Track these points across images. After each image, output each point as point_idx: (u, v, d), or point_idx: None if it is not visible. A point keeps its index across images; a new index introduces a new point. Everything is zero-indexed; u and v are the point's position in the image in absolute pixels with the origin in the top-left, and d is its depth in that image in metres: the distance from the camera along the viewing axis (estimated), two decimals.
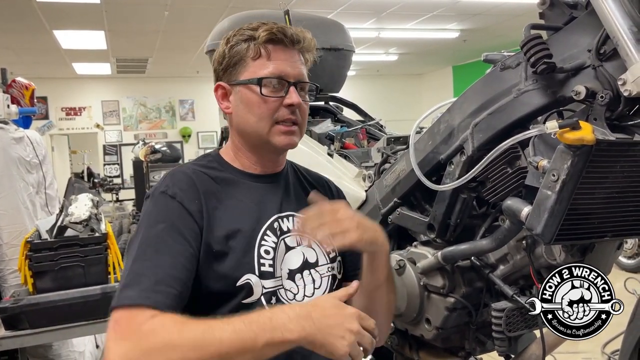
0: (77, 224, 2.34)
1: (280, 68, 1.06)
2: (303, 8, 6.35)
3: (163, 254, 0.94)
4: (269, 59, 1.06)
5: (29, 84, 3.22)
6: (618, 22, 1.00)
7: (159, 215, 0.99)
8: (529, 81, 1.16)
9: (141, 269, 0.93)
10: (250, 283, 1.02)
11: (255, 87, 1.06)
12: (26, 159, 2.80)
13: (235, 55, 1.08)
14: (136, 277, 0.92)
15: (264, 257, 1.04)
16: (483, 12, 7.65)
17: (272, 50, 1.07)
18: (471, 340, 1.52)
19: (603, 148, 1.01)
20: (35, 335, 2.05)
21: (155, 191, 1.03)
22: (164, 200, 1.01)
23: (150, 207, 1.02)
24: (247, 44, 1.07)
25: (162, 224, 0.97)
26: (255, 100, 1.06)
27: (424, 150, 1.42)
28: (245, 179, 1.12)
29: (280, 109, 1.07)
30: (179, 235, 0.97)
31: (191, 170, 1.08)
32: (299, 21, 2.29)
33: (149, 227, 0.98)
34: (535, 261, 1.30)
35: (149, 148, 8.34)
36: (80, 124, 11.91)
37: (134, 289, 0.90)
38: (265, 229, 1.07)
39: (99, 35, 7.87)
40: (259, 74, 1.06)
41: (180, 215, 0.99)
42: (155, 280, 0.91)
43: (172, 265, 0.94)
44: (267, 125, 1.07)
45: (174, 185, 1.03)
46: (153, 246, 0.95)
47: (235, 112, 1.10)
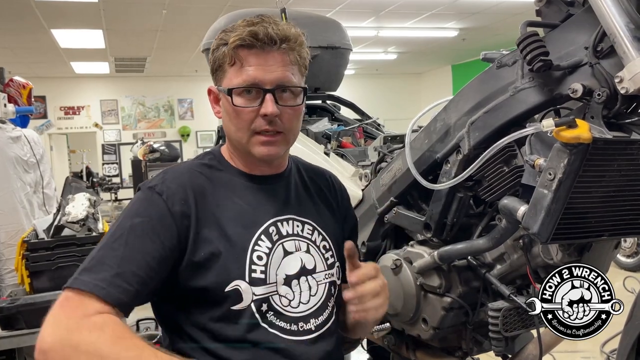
0: (74, 224, 2.34)
1: (253, 75, 0.99)
2: (302, 7, 6.34)
3: (131, 249, 0.92)
4: (242, 66, 1.00)
5: (26, 83, 3.21)
6: (615, 19, 0.99)
7: (140, 209, 0.98)
8: (525, 79, 1.15)
9: (105, 258, 0.91)
10: (239, 289, 0.98)
11: (228, 97, 1.01)
12: (23, 158, 2.80)
13: (215, 61, 1.04)
14: (98, 264, 0.90)
15: (255, 263, 1.01)
16: (482, 10, 7.65)
17: (246, 55, 1.00)
18: (468, 340, 1.52)
19: (600, 146, 1.00)
20: (32, 334, 2.04)
21: (144, 185, 1.02)
22: (150, 195, 0.99)
23: (135, 199, 1.01)
24: (224, 49, 1.02)
25: (140, 218, 0.95)
26: (231, 110, 1.02)
27: (420, 148, 1.42)
28: (244, 179, 1.09)
29: (257, 119, 1.01)
30: (154, 233, 0.94)
31: (187, 170, 1.06)
32: (295, 19, 2.29)
33: (127, 218, 0.96)
34: (532, 261, 1.29)
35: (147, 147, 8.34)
36: (79, 123, 11.91)
37: (91, 276, 0.88)
38: (259, 233, 1.04)
39: (97, 34, 7.86)
40: (233, 83, 1.01)
41: (162, 214, 0.96)
42: (116, 272, 0.89)
43: (137, 261, 0.92)
44: (246, 136, 1.02)
45: (164, 182, 1.00)
46: (124, 237, 0.93)
47: (222, 118, 1.08)
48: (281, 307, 1.02)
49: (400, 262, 1.52)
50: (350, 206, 1.27)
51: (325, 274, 1.10)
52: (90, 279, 0.88)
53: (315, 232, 1.12)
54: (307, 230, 1.11)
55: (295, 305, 1.04)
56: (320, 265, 1.09)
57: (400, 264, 1.52)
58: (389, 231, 1.67)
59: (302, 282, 1.06)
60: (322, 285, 1.08)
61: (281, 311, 1.02)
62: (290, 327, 1.02)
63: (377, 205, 1.64)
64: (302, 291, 1.05)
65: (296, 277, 1.05)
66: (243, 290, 0.99)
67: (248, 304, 0.99)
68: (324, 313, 1.07)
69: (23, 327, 2.02)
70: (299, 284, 1.05)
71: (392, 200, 1.58)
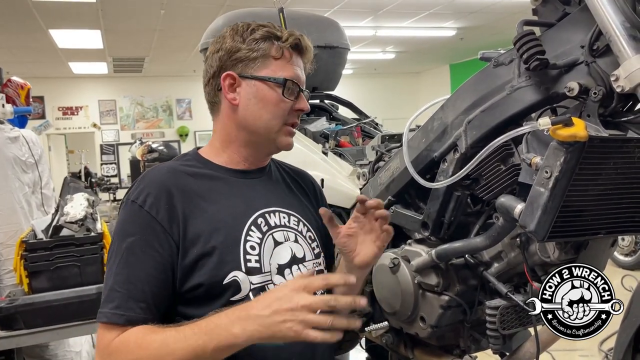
0: (73, 224, 2.33)
1: (297, 73, 1.11)
2: (299, 6, 6.34)
3: (133, 269, 0.97)
4: (289, 63, 1.10)
5: (24, 83, 3.21)
6: (611, 18, 1.00)
7: (129, 227, 1.00)
8: (522, 78, 1.16)
9: (114, 285, 0.96)
10: (237, 280, 1.01)
11: (276, 86, 1.08)
12: (22, 159, 2.80)
13: (257, 50, 1.08)
14: (110, 293, 0.96)
15: (250, 253, 1.04)
16: (480, 10, 7.66)
17: (294, 55, 1.11)
18: (466, 338, 1.52)
19: (596, 144, 1.00)
20: (31, 335, 2.04)
21: (127, 199, 1.03)
22: (133, 210, 1.01)
23: (122, 218, 1.03)
24: (271, 43, 1.08)
25: (132, 237, 0.99)
26: (274, 99, 1.08)
27: (418, 147, 1.42)
28: (228, 174, 1.12)
29: (291, 112, 1.11)
30: (148, 246, 0.98)
31: (167, 169, 1.08)
32: (293, 19, 2.29)
33: (121, 240, 1.00)
34: (529, 258, 1.29)
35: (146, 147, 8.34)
36: (77, 123, 11.90)
37: (108, 306, 0.95)
38: (250, 224, 1.07)
39: (95, 35, 7.85)
40: (280, 74, 1.08)
41: (149, 225, 0.99)
42: (128, 296, 0.95)
43: (144, 279, 0.96)
44: (278, 125, 1.10)
45: (143, 191, 1.02)
46: (124, 260, 0.97)
47: (245, 106, 1.09)
48: None
49: (398, 260, 1.53)
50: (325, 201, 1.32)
51: (314, 263, 1.14)
52: (108, 310, 0.95)
53: (301, 223, 1.16)
54: (293, 221, 1.15)
55: None
56: (308, 255, 1.13)
57: (398, 262, 1.53)
58: None
59: (294, 271, 1.09)
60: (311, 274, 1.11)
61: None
62: None
63: None
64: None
65: (288, 267, 1.09)
66: (241, 281, 1.01)
67: (247, 293, 1.01)
68: None
69: (22, 327, 2.02)
70: (291, 273, 1.09)
71: (389, 199, 1.58)
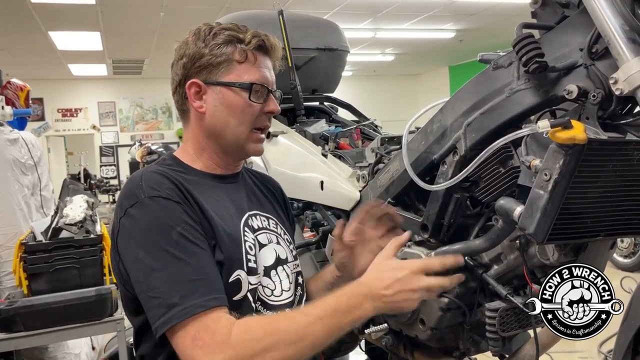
0: (72, 226, 2.33)
1: (264, 75, 1.07)
2: (299, 9, 6.35)
3: (197, 255, 0.92)
4: (254, 65, 1.07)
5: (24, 85, 3.21)
6: (610, 20, 1.00)
7: (167, 219, 0.93)
8: (521, 80, 1.16)
9: (187, 275, 0.89)
10: (240, 279, 1.01)
11: (242, 91, 1.05)
12: (21, 161, 2.80)
13: (220, 56, 1.06)
14: (190, 284, 0.88)
15: (249, 253, 1.05)
16: (479, 12, 7.67)
17: (259, 56, 1.08)
18: (465, 340, 1.52)
19: (595, 147, 1.00)
20: (30, 337, 2.04)
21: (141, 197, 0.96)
22: (161, 203, 0.95)
23: (150, 214, 0.94)
24: (234, 46, 1.06)
25: (176, 228, 0.93)
26: (240, 104, 1.05)
27: (417, 150, 1.42)
28: (209, 179, 1.11)
29: (260, 115, 1.08)
30: (197, 232, 0.95)
31: (163, 171, 1.04)
32: (293, 21, 2.29)
33: (164, 234, 0.92)
34: (529, 261, 1.29)
35: (145, 149, 8.34)
36: (77, 125, 11.91)
37: (195, 296, 0.87)
38: (243, 225, 1.07)
39: (95, 37, 7.86)
40: (245, 79, 1.05)
41: (185, 213, 0.96)
42: (209, 281, 0.91)
43: (211, 263, 0.94)
44: (246, 131, 1.07)
45: (159, 186, 0.98)
46: (182, 251, 0.91)
47: (212, 113, 1.07)
48: (266, 297, 1.06)
49: None
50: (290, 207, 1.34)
51: (293, 264, 1.16)
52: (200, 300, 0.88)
53: (278, 226, 1.18)
54: (272, 224, 1.16)
55: (278, 294, 1.08)
56: (289, 256, 1.15)
57: None
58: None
59: (280, 272, 1.10)
60: (293, 275, 1.14)
61: (267, 301, 1.06)
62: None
63: None
64: (281, 280, 1.10)
65: (274, 268, 1.10)
66: (243, 280, 1.01)
67: (245, 293, 1.02)
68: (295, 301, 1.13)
69: (21, 329, 2.02)
70: (277, 274, 1.10)
71: (389, 201, 1.58)
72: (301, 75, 2.29)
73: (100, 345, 3.35)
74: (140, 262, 0.91)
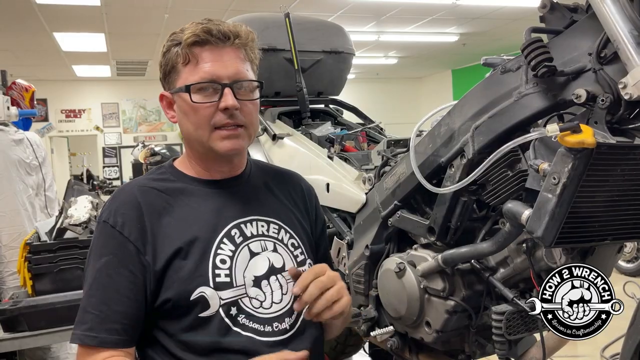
0: (77, 226, 2.33)
1: (210, 71, 1.00)
2: (303, 11, 6.36)
3: (106, 289, 0.97)
4: (197, 63, 1.01)
5: (29, 86, 3.22)
6: (619, 25, 1.00)
7: (102, 248, 1.00)
8: (529, 84, 1.16)
9: (88, 307, 0.96)
10: (204, 296, 0.98)
11: (186, 95, 1.01)
12: (26, 161, 2.80)
13: (168, 63, 1.04)
14: (84, 314, 0.96)
15: (219, 267, 1.01)
16: (482, 16, 7.67)
17: (200, 52, 1.01)
18: (471, 343, 1.52)
19: (603, 151, 1.01)
20: (33, 337, 2.04)
21: (99, 219, 1.02)
22: (106, 230, 1.00)
23: (95, 238, 1.02)
24: (176, 49, 1.02)
25: (105, 257, 0.98)
26: (188, 108, 1.02)
27: (425, 153, 1.42)
28: (202, 186, 1.08)
29: (217, 114, 1.01)
30: (122, 267, 0.97)
31: (137, 189, 1.04)
32: (299, 24, 2.30)
33: (95, 261, 0.99)
34: (536, 264, 1.30)
35: (148, 150, 8.36)
36: (80, 126, 11.92)
37: (82, 328, 0.95)
38: (221, 237, 1.03)
39: (99, 38, 7.88)
40: (189, 80, 1.01)
41: (122, 245, 0.98)
42: (101, 318, 0.95)
43: (118, 300, 0.96)
44: (206, 133, 1.02)
45: (115, 212, 1.01)
46: (97, 281, 0.97)
47: (179, 121, 1.07)
48: (252, 309, 1.02)
49: (403, 265, 1.53)
50: (319, 206, 1.27)
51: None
52: (81, 332, 0.95)
53: (282, 230, 1.12)
54: (272, 229, 1.10)
55: (267, 305, 1.04)
56: (289, 263, 1.09)
57: (403, 267, 1.53)
58: (392, 235, 1.67)
59: (272, 282, 1.05)
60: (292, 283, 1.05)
61: (253, 313, 1.02)
62: (264, 329, 1.02)
63: (381, 208, 1.64)
64: (273, 291, 1.05)
65: (265, 278, 1.05)
66: (209, 297, 0.98)
67: (216, 309, 0.99)
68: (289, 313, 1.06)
69: (25, 329, 2.02)
70: (269, 284, 1.05)
71: (395, 204, 1.58)
72: (307, 78, 2.30)
73: None
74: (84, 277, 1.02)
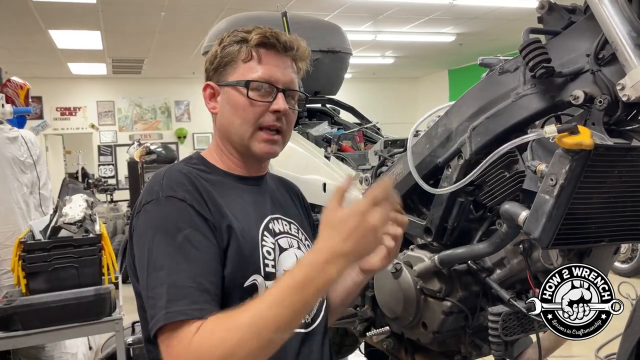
0: (71, 225, 2.32)
1: (270, 73, 1.05)
2: (300, 10, 6.35)
3: (197, 262, 0.91)
4: (259, 63, 1.05)
5: (24, 83, 3.20)
6: (617, 27, 1.00)
7: (177, 221, 0.94)
8: (527, 85, 1.16)
9: (181, 281, 0.88)
10: (256, 284, 1.00)
11: (243, 89, 1.04)
12: (20, 159, 2.79)
13: (226, 56, 1.07)
14: (178, 290, 0.88)
15: (267, 258, 1.03)
16: (479, 16, 7.68)
17: (264, 54, 1.06)
18: (467, 344, 1.52)
19: (601, 153, 1.01)
20: (27, 336, 2.03)
21: (159, 196, 0.97)
22: (175, 204, 0.95)
23: (162, 213, 0.95)
24: (239, 46, 1.06)
25: (184, 231, 0.93)
26: (242, 103, 1.05)
27: (422, 153, 1.42)
28: (233, 180, 1.10)
29: (266, 114, 1.05)
30: (203, 237, 0.94)
31: (187, 171, 1.04)
32: (297, 23, 2.29)
33: (170, 236, 0.92)
34: (532, 265, 1.30)
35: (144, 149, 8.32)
36: (75, 124, 11.87)
37: (181, 303, 0.87)
38: (263, 229, 1.06)
39: (95, 36, 7.84)
40: (248, 77, 1.05)
41: (196, 217, 0.95)
42: (200, 290, 0.89)
43: (208, 271, 0.92)
44: (250, 130, 1.05)
45: (178, 187, 0.98)
46: (183, 255, 0.91)
47: (221, 113, 1.09)
48: None
49: (400, 265, 1.53)
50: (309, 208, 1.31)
51: None
52: (185, 307, 0.86)
53: (300, 231, 1.16)
54: (293, 228, 1.14)
55: None
56: None
57: (400, 267, 1.53)
58: None
59: None
60: None
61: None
62: None
63: None
64: None
65: None
66: (259, 285, 1.00)
67: None
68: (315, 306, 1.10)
69: (19, 328, 2.01)
70: None
71: None
72: (304, 77, 2.28)
73: (97, 345, 3.33)
74: (146, 260, 0.92)
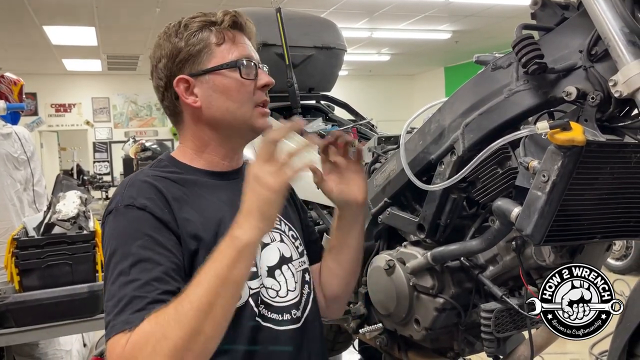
0: (65, 222, 2.31)
1: (246, 51, 1.05)
2: (296, 7, 6.33)
3: (151, 271, 0.88)
4: (234, 43, 1.04)
5: (17, 79, 3.18)
6: (610, 23, 1.00)
7: (133, 231, 0.91)
8: (520, 81, 1.16)
9: (132, 291, 0.85)
10: None
11: (231, 72, 1.02)
12: (14, 155, 2.78)
13: (196, 44, 1.03)
14: (130, 300, 0.85)
15: None
16: (475, 13, 7.69)
17: (235, 34, 1.05)
18: (460, 341, 1.52)
19: (593, 149, 1.00)
20: (21, 333, 2.03)
21: (119, 205, 0.94)
22: (133, 213, 0.92)
23: (120, 223, 0.93)
24: (209, 30, 1.03)
25: (140, 240, 0.90)
26: (234, 85, 1.02)
27: (415, 150, 1.42)
28: (209, 178, 1.06)
29: (257, 91, 1.05)
30: (160, 247, 0.90)
31: (152, 177, 0.99)
32: (291, 19, 2.29)
33: (126, 245, 0.90)
34: (525, 262, 1.30)
35: (139, 146, 8.32)
36: (70, 120, 11.84)
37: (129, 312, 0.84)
38: None
39: (90, 32, 7.82)
40: (229, 59, 1.02)
41: (155, 226, 0.92)
42: (148, 300, 0.85)
43: (163, 280, 0.88)
44: (249, 109, 1.04)
45: (139, 195, 0.94)
46: (137, 265, 0.88)
47: (207, 104, 1.03)
48: (269, 299, 1.02)
49: (393, 262, 1.53)
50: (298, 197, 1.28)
51: (299, 262, 1.11)
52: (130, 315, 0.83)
53: (282, 222, 1.13)
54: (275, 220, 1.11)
55: (283, 294, 1.04)
56: (294, 254, 1.11)
57: (393, 264, 1.52)
58: (382, 232, 1.67)
59: (284, 271, 1.07)
60: (299, 273, 1.10)
61: (271, 303, 1.02)
62: (283, 318, 1.03)
63: (371, 205, 1.64)
64: (287, 279, 1.06)
65: (278, 267, 1.06)
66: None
67: (246, 299, 0.98)
68: (302, 300, 1.09)
69: (12, 325, 2.00)
70: (282, 273, 1.06)
71: (385, 201, 1.58)
72: (298, 74, 2.28)
73: (91, 342, 3.33)
74: (105, 269, 0.91)
